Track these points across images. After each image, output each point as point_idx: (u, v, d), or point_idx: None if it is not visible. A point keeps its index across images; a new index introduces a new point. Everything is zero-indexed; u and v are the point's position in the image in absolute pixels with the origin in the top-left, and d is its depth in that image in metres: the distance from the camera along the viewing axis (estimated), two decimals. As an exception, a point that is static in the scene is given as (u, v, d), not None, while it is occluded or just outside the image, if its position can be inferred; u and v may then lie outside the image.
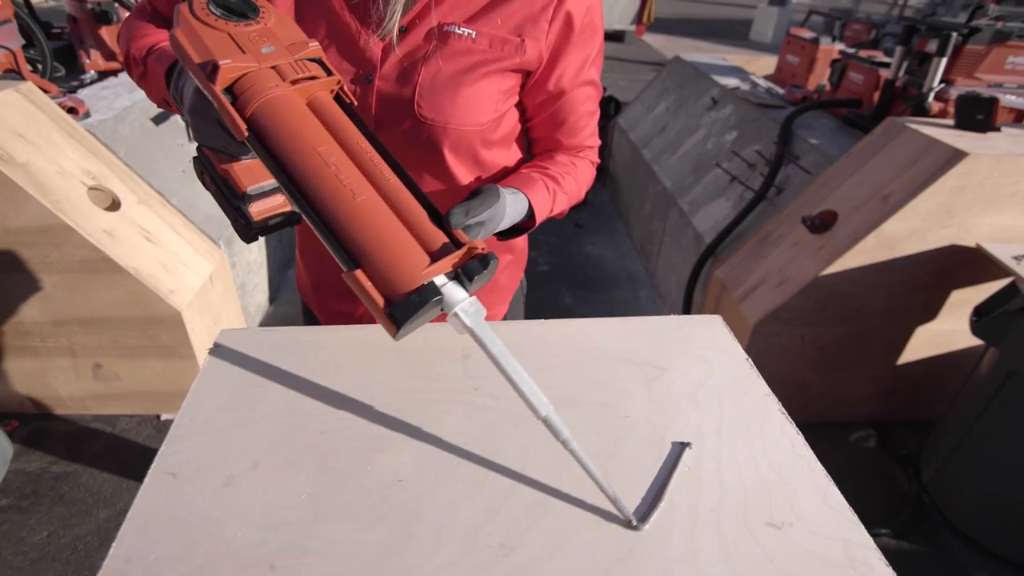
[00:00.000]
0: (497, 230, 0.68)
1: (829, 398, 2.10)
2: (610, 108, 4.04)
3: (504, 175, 0.81)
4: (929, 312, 1.92)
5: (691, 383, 0.62)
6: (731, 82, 2.96)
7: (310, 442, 0.53)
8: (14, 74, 2.07)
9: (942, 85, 2.04)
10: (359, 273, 0.44)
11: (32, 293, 1.71)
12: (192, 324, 1.81)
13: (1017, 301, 1.59)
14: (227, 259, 2.09)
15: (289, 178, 0.46)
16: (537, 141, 0.85)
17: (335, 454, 0.52)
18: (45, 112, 1.71)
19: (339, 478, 0.50)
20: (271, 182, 0.57)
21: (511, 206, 0.69)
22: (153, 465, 0.50)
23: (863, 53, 2.48)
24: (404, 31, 0.70)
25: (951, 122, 1.85)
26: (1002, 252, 1.66)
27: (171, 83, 0.61)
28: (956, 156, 1.63)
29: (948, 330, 1.97)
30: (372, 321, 0.89)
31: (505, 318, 1.00)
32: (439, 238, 0.46)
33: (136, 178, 1.89)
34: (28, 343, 1.81)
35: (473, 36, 0.70)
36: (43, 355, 1.84)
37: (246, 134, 0.46)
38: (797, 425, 0.50)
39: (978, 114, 1.78)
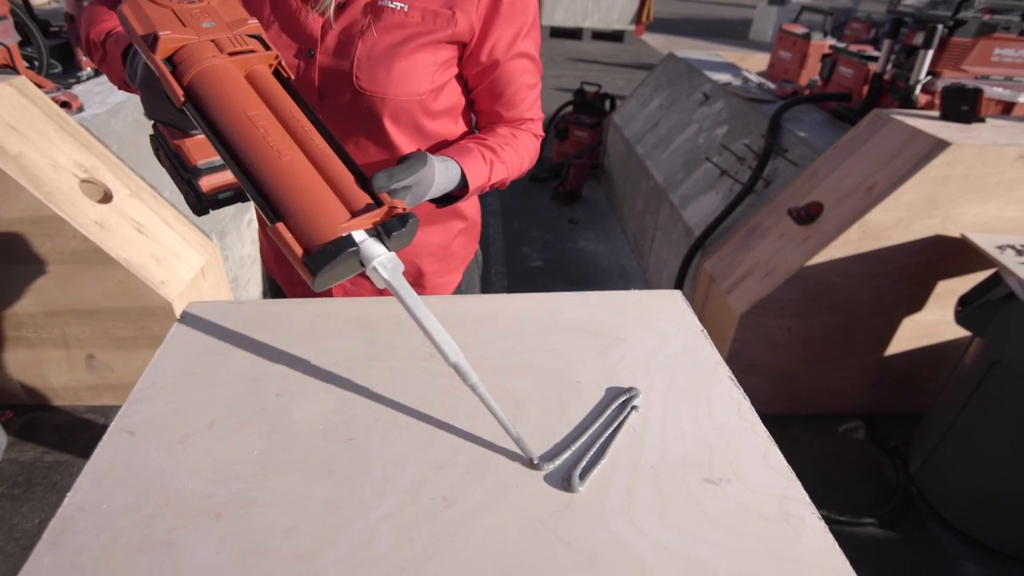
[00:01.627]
0: (428, 196, 0.71)
1: (817, 390, 2.11)
2: (605, 105, 4.06)
3: (447, 146, 0.84)
4: (916, 303, 1.93)
5: (645, 352, 0.63)
6: (723, 78, 2.97)
7: (266, 404, 0.54)
8: (9, 69, 2.09)
9: (929, 78, 2.05)
10: (280, 225, 0.46)
11: (25, 284, 1.73)
12: (183, 315, 1.83)
13: (1000, 290, 1.60)
14: (219, 252, 2.11)
15: (221, 140, 0.48)
16: (480, 115, 0.88)
17: (289, 415, 0.53)
18: (38, 106, 1.74)
19: (291, 437, 0.51)
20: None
21: (441, 173, 0.71)
22: (112, 424, 0.52)
23: (853, 47, 2.49)
24: (342, 7, 0.74)
25: (937, 114, 1.86)
26: (986, 242, 1.67)
27: (127, 63, 0.64)
28: (939, 146, 1.64)
29: (935, 321, 1.97)
30: (330, 293, 0.92)
31: (459, 288, 1.03)
32: (363, 199, 0.48)
33: (128, 171, 1.92)
34: (22, 334, 1.83)
35: (406, 10, 0.73)
36: (37, 346, 1.86)
37: (183, 100, 0.49)
38: (785, 417, 0.51)
39: (963, 105, 1.79)
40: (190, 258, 1.93)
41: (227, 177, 0.61)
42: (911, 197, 1.70)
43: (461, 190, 0.77)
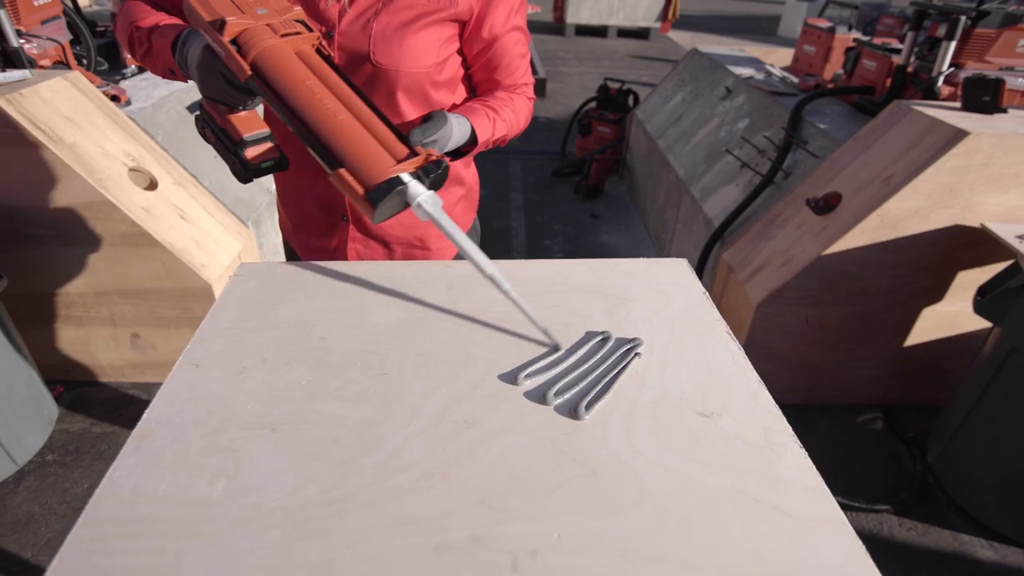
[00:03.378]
0: (446, 149, 0.80)
1: (836, 380, 2.13)
2: (628, 101, 4.09)
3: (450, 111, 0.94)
4: (935, 293, 1.94)
5: (649, 310, 0.69)
6: (746, 72, 2.99)
7: (312, 345, 0.62)
8: (62, 65, 2.23)
9: (952, 69, 2.05)
10: (342, 171, 0.54)
11: (77, 265, 1.85)
12: (221, 297, 1.93)
13: (1019, 279, 1.61)
14: (255, 239, 2.21)
15: (287, 106, 0.56)
16: (479, 84, 0.98)
17: (331, 354, 0.61)
18: (91, 99, 1.86)
19: (333, 371, 0.59)
20: (264, 131, 0.68)
21: (457, 128, 0.82)
22: (179, 359, 0.59)
23: (877, 40, 2.49)
24: None
25: (958, 105, 1.86)
26: (1006, 232, 1.68)
27: (176, 51, 0.73)
28: (957, 136, 1.66)
29: (955, 312, 1.98)
30: (345, 256, 1.00)
31: (460, 255, 1.12)
32: (403, 150, 0.58)
33: (172, 161, 2.03)
34: (73, 312, 1.96)
35: None
36: (86, 324, 1.98)
37: (249, 73, 0.57)
38: (804, 407, 0.55)
39: (984, 95, 1.79)
40: (228, 243, 2.03)
41: (268, 147, 0.70)
42: (929, 186, 1.72)
43: (470, 145, 0.88)
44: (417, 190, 0.58)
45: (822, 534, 0.44)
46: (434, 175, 0.60)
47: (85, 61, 2.77)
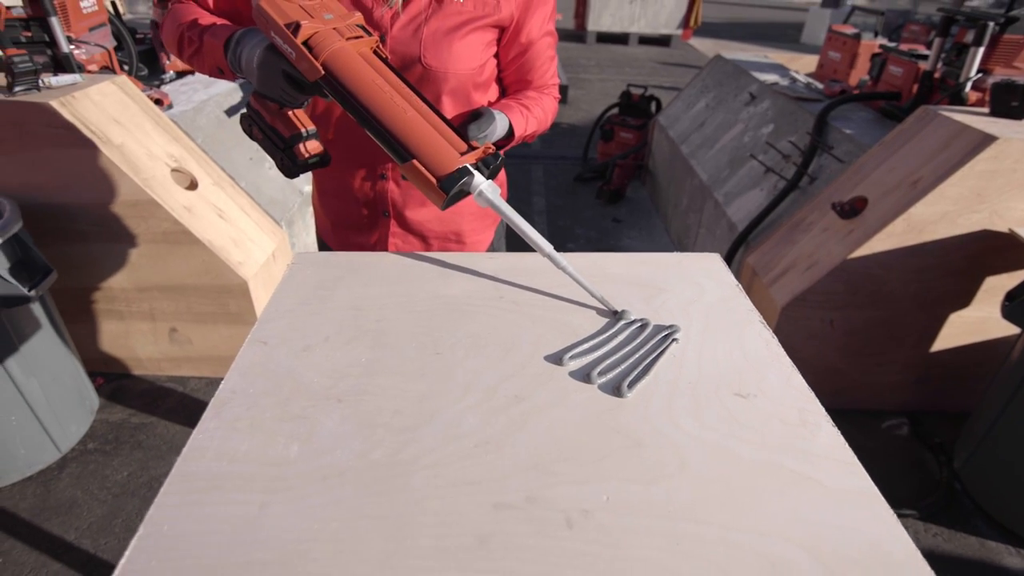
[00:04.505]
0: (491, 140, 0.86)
1: (861, 384, 2.13)
2: (651, 107, 4.12)
3: None
4: (962, 299, 1.93)
5: (684, 300, 0.72)
6: (770, 78, 3.00)
7: (369, 327, 0.66)
8: (108, 70, 2.33)
9: (980, 75, 2.05)
10: (415, 163, 0.59)
11: (121, 261, 1.93)
12: (256, 294, 2.00)
13: (1048, 284, 1.60)
14: (288, 239, 2.28)
15: (359, 103, 0.61)
16: (511, 85, 1.04)
17: (387, 335, 0.65)
18: (136, 102, 1.94)
19: (390, 350, 0.63)
20: (311, 128, 0.75)
21: (499, 123, 0.88)
22: (248, 337, 0.64)
23: (904, 46, 2.50)
24: (406, 1, 0.89)
25: (986, 110, 1.86)
26: (1035, 237, 1.68)
27: (229, 50, 0.79)
28: (985, 140, 1.66)
29: (983, 318, 1.97)
30: (385, 250, 1.06)
31: (492, 246, 1.19)
32: (462, 144, 0.63)
33: (211, 162, 2.11)
34: (115, 307, 2.04)
35: (461, 1, 0.89)
36: (127, 318, 2.06)
37: (322, 73, 0.62)
38: (828, 411, 0.58)
39: (1013, 101, 1.79)
40: (263, 242, 2.10)
41: (313, 145, 0.76)
42: (957, 191, 1.72)
43: (507, 139, 0.94)
44: (479, 179, 0.64)
45: (856, 504, 0.47)
46: (492, 166, 0.66)
47: (127, 66, 2.89)
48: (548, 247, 0.67)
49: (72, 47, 2.08)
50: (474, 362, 0.61)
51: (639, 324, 0.67)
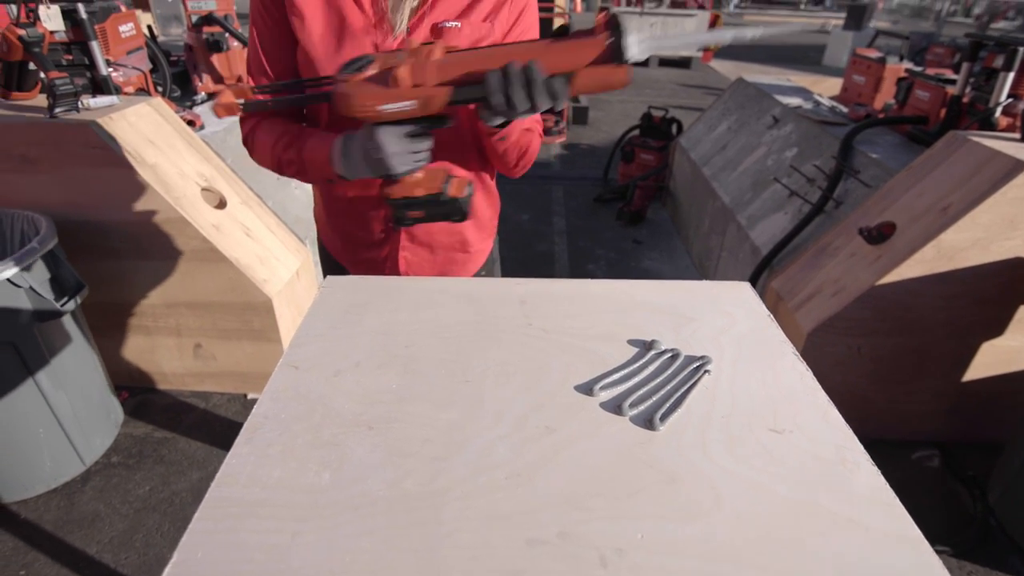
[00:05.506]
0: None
1: (889, 413, 2.07)
2: (672, 129, 4.12)
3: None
4: (995, 327, 1.89)
5: (715, 329, 0.72)
6: (793, 101, 2.99)
7: (398, 352, 0.66)
8: (143, 93, 2.40)
9: (1010, 100, 2.03)
10: (583, 73, 0.66)
11: (150, 277, 1.97)
12: (281, 311, 2.02)
13: (1086, 314, 1.56)
14: (311, 257, 2.31)
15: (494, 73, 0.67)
16: None
17: (416, 361, 0.65)
18: (170, 123, 2.00)
19: (420, 377, 0.63)
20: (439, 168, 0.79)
21: None
22: (280, 361, 0.65)
23: (930, 71, 2.48)
24: (409, 32, 0.90)
25: (1017, 136, 1.83)
26: (1071, 265, 1.63)
27: (339, 160, 0.83)
28: (1018, 167, 1.63)
29: (1017, 347, 1.92)
30: (396, 264, 1.08)
31: (491, 255, 1.19)
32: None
33: (240, 182, 2.15)
34: (143, 322, 2.07)
35: (459, 26, 0.90)
36: (154, 333, 2.10)
37: (448, 93, 0.68)
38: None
39: (1046, 127, 1.76)
40: (288, 261, 2.13)
41: (457, 181, 0.80)
42: (989, 218, 1.69)
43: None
44: (629, 27, 0.64)
45: (900, 550, 0.46)
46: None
47: (161, 88, 2.98)
48: (734, 33, 0.67)
49: (110, 70, 2.15)
50: (504, 390, 0.61)
51: (670, 354, 0.66)
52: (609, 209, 4.03)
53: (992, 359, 1.94)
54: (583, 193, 4.35)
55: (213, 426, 2.10)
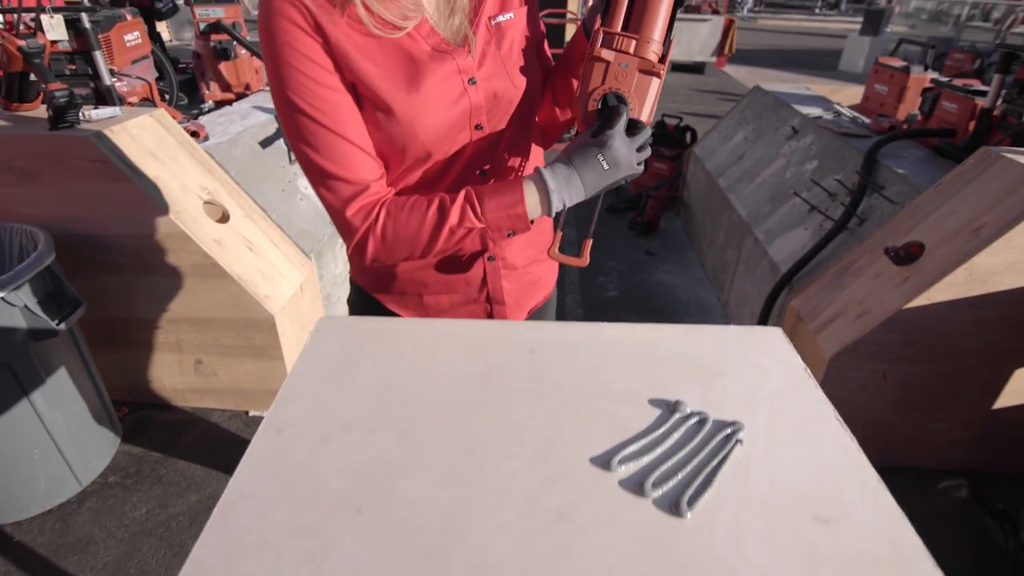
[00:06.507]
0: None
1: (915, 441, 1.98)
2: (686, 138, 4.04)
3: None
4: (1030, 354, 1.79)
5: (747, 387, 0.64)
6: (813, 111, 2.90)
7: (394, 413, 0.60)
8: (148, 102, 2.36)
9: (1045, 114, 1.94)
10: None
11: (151, 293, 1.92)
12: (283, 328, 1.97)
13: None
14: (316, 271, 2.26)
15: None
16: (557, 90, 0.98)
17: (414, 425, 0.58)
18: (173, 135, 1.95)
19: (417, 445, 0.56)
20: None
21: None
22: (263, 422, 0.58)
23: (958, 81, 2.38)
24: (473, 37, 0.81)
25: (1054, 153, 1.74)
26: (1114, 291, 1.54)
27: (553, 194, 0.76)
28: (1058, 187, 1.54)
29: (1052, 375, 1.82)
30: (498, 297, 0.98)
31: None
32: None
33: (243, 194, 2.10)
34: (143, 338, 2.03)
35: (513, 16, 0.83)
36: (154, 349, 2.05)
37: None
38: (878, 468, 0.52)
39: (1086, 144, 1.67)
40: (291, 275, 2.08)
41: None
42: (1025, 240, 1.60)
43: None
44: None
45: None
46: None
47: (168, 96, 2.95)
48: None
49: (114, 80, 2.12)
50: (510, 463, 0.54)
51: (697, 419, 0.59)
52: (621, 219, 3.95)
53: (1025, 387, 1.85)
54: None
55: (213, 445, 2.05)
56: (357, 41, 0.72)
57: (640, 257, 3.50)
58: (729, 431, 0.58)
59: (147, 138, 1.85)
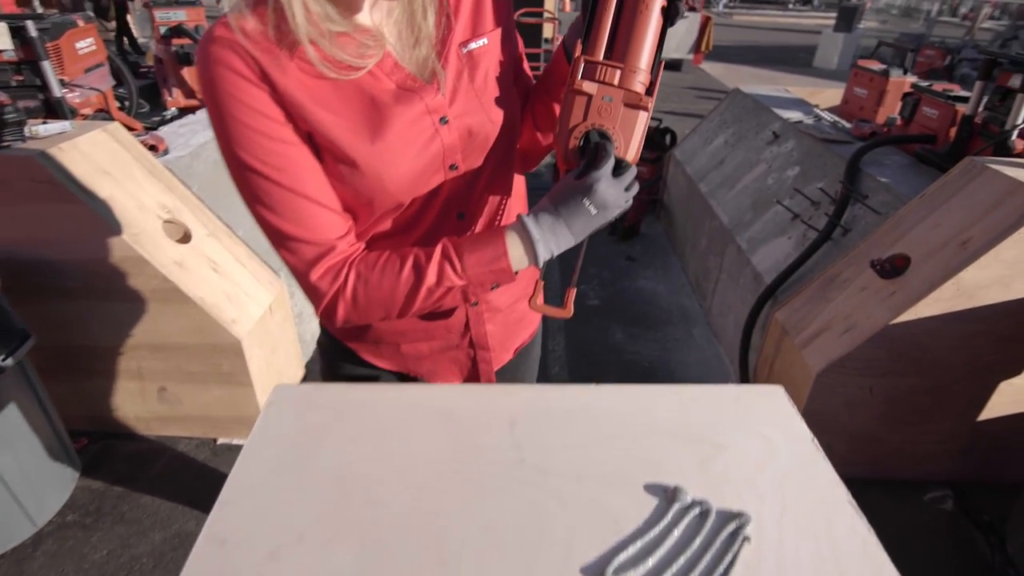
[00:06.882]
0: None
1: (901, 454, 1.96)
2: (665, 140, 4.00)
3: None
4: (1014, 366, 1.78)
5: (751, 465, 0.58)
6: (793, 115, 2.87)
7: (355, 514, 0.52)
8: (103, 113, 2.23)
9: (1027, 123, 1.92)
10: None
11: (108, 319, 1.81)
12: (251, 352, 1.87)
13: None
14: (286, 289, 2.16)
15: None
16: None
17: (379, 527, 0.51)
18: (128, 150, 1.84)
19: (382, 555, 0.49)
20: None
21: None
22: (204, 529, 0.51)
23: (938, 86, 2.37)
24: (443, 71, 0.72)
25: (1038, 163, 1.72)
26: (1099, 305, 1.53)
27: (538, 245, 0.70)
28: (1045, 201, 1.52)
29: (1037, 386, 1.81)
30: (482, 342, 0.91)
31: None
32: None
33: (207, 211, 1.99)
34: (101, 366, 1.91)
35: (487, 42, 0.74)
36: (113, 377, 1.94)
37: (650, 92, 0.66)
38: (866, 481, 0.47)
39: (1069, 155, 1.65)
40: (259, 296, 1.98)
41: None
42: (1012, 254, 1.57)
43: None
44: None
45: None
46: None
47: (127, 103, 2.81)
48: None
49: (65, 91, 1.99)
50: (488, 574, 0.47)
51: (699, 511, 0.53)
52: (601, 223, 3.90)
53: (1009, 398, 1.83)
54: (574, 205, 4.21)
55: (180, 476, 1.94)
56: (310, 87, 0.64)
57: (621, 263, 3.45)
58: (735, 526, 0.51)
59: (100, 155, 1.74)
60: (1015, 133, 1.93)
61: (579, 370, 2.55)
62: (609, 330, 2.83)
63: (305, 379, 1.81)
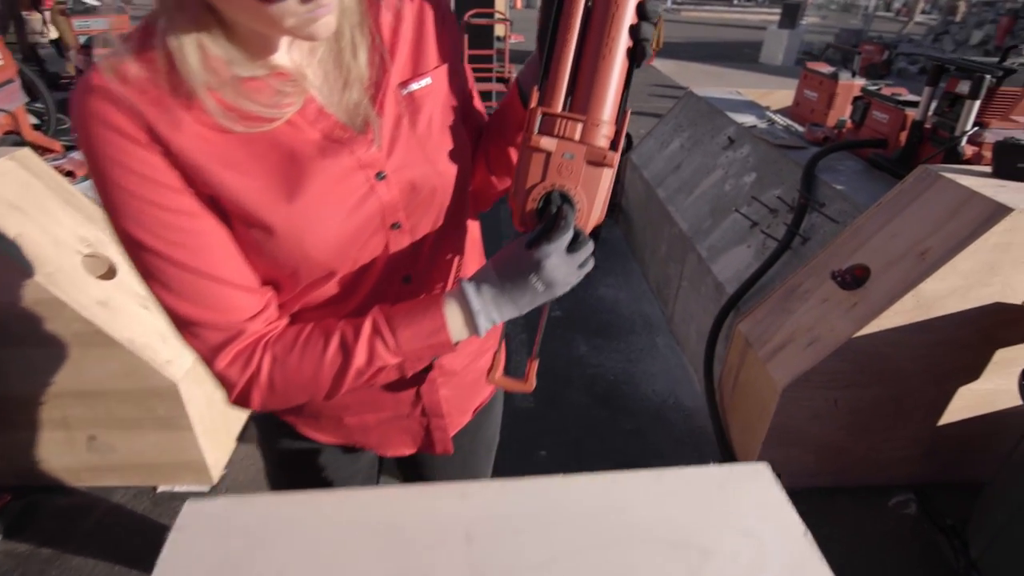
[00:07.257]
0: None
1: (867, 462, 1.97)
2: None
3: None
4: (972, 372, 1.80)
5: (740, 570, 0.51)
6: (747, 119, 2.87)
7: None
8: (14, 136, 2.03)
9: (975, 128, 1.94)
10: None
11: (25, 367, 1.64)
12: (189, 395, 1.73)
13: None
14: (228, 320, 2.01)
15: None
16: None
17: None
18: (41, 179, 1.66)
19: None
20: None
21: None
22: None
23: (886, 90, 2.39)
24: (378, 118, 0.62)
25: (988, 169, 1.74)
26: (1052, 311, 1.54)
27: (480, 318, 0.61)
28: (999, 211, 1.52)
29: (992, 390, 1.83)
30: (435, 409, 0.81)
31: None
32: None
33: (134, 242, 1.83)
34: (21, 416, 1.74)
35: (431, 82, 0.66)
36: (36, 428, 1.76)
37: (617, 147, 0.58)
38: (832, 490, 0.41)
39: (1018, 162, 1.67)
40: (198, 331, 1.83)
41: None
42: (969, 265, 1.58)
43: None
44: None
45: None
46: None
47: (45, 119, 2.58)
48: None
49: (-34, 112, 1.80)
50: None
51: (687, 649, 0.45)
52: (561, 229, 3.84)
53: (968, 402, 1.86)
54: (533, 211, 4.14)
55: (116, 531, 1.78)
56: (212, 144, 0.53)
57: (582, 270, 3.40)
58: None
59: (7, 186, 1.57)
60: (965, 139, 1.95)
61: (545, 387, 2.48)
62: (573, 342, 2.77)
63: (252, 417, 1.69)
